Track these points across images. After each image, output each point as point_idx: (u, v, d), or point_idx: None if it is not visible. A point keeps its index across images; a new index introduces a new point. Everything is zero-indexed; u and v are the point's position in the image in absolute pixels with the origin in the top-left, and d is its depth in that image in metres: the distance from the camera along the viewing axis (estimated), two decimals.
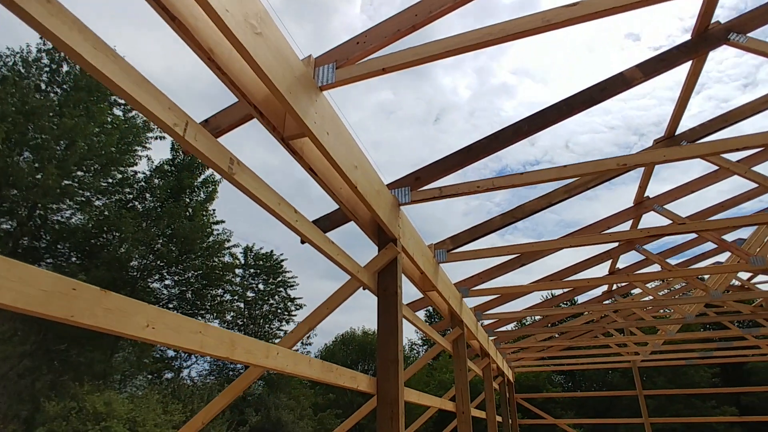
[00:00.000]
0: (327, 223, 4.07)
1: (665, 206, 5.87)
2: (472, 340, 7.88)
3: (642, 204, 5.98)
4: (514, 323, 9.51)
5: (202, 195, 17.56)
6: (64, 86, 15.21)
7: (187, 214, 16.33)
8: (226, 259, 19.00)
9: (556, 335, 12.48)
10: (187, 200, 16.57)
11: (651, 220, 8.09)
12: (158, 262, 16.13)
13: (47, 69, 15.36)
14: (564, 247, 4.92)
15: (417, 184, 3.88)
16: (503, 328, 9.17)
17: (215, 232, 17.77)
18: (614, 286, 9.11)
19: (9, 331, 12.27)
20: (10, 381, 12.91)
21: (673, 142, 4.71)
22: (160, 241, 15.71)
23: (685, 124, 4.64)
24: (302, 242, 3.83)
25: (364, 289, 3.50)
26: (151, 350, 22.01)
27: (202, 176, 17.76)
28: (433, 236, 5.38)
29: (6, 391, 12.05)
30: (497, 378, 10.84)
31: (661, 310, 11.04)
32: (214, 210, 17.85)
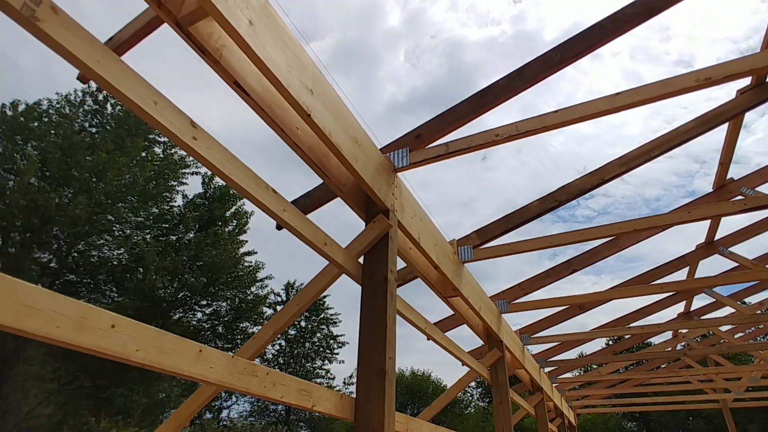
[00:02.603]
0: (308, 201, 3.23)
1: (757, 188, 4.61)
2: (519, 370, 6.62)
3: (725, 188, 4.75)
4: (571, 351, 8.12)
5: (232, 226, 17.42)
6: (107, 126, 15.68)
7: (219, 244, 16.08)
8: (260, 291, 18.55)
9: (623, 368, 10.78)
10: (218, 231, 16.39)
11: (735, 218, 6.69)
12: (188, 294, 15.82)
13: (91, 111, 15.96)
14: (640, 231, 3.79)
15: (418, 143, 2.98)
16: (558, 357, 7.79)
17: (246, 264, 17.42)
18: (692, 305, 7.60)
19: (45, 368, 12.10)
20: (43, 417, 12.66)
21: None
22: (190, 272, 15.42)
23: None
24: (278, 227, 3.00)
25: (346, 275, 2.57)
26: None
27: (234, 207, 17.68)
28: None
29: (33, 427, 11.78)
30: (555, 420, 9.31)
31: (756, 339, 9.23)
32: (246, 241, 17.61)
